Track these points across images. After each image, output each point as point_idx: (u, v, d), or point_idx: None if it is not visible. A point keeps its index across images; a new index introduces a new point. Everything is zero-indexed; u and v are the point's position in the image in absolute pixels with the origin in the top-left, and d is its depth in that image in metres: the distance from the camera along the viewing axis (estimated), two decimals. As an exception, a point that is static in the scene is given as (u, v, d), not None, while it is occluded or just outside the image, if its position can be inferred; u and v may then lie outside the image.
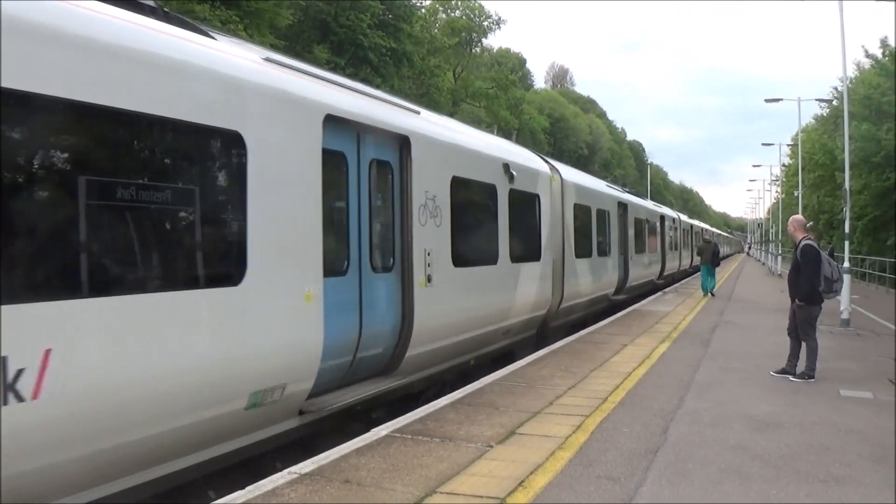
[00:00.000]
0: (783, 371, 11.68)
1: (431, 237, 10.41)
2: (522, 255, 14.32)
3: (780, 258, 54.54)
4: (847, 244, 22.28)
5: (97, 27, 5.79)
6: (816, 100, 52.86)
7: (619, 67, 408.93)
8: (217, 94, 6.80)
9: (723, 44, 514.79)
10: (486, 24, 68.55)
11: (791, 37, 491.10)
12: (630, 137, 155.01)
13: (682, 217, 50.05)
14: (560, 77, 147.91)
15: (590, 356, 13.32)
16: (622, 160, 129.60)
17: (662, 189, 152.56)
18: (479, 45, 73.78)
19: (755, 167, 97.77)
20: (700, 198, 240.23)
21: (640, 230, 28.86)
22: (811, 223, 27.61)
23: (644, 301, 26.01)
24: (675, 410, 9.24)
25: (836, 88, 48.82)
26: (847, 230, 22.59)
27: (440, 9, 65.86)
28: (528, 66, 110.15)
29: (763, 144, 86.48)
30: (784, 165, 70.28)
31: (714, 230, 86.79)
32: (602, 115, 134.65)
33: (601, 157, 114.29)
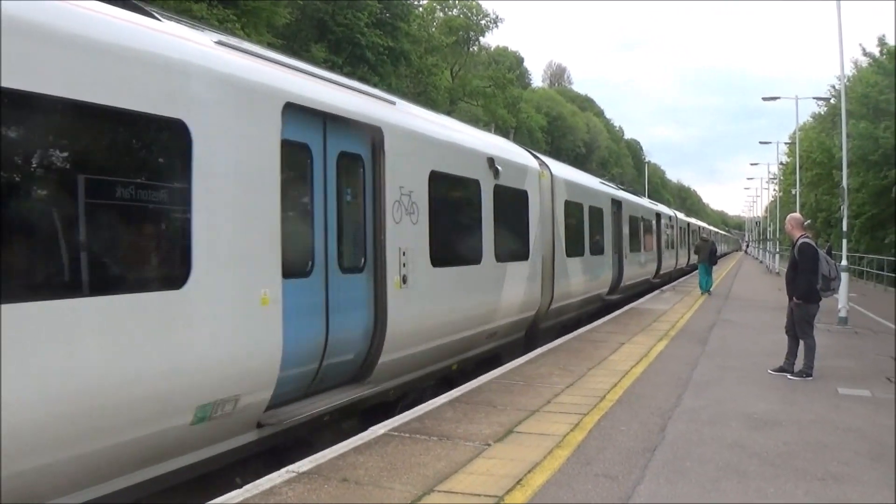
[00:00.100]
0: (781, 369, 11.69)
1: (407, 235, 9.78)
2: (509, 255, 13.74)
3: (778, 256, 54.55)
4: (845, 242, 22.31)
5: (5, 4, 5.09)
6: (814, 98, 52.88)
7: (617, 66, 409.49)
8: (156, 79, 6.15)
9: (720, 42, 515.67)
10: (484, 23, 68.65)
11: (789, 35, 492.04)
12: (628, 136, 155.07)
13: (679, 215, 49.73)
14: (557, 75, 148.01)
15: (588, 354, 13.32)
16: (620, 159, 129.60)
17: (660, 188, 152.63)
18: (477, 44, 73.83)
19: (753, 165, 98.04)
20: (698, 196, 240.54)
21: (635, 228, 28.33)
22: (809, 221, 27.67)
23: (642, 299, 26.04)
24: (673, 409, 9.25)
25: (834, 87, 48.82)
26: (845, 228, 22.64)
27: (437, 7, 65.87)
28: (526, 65, 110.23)
29: (761, 143, 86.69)
30: (782, 164, 70.39)
31: (711, 228, 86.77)
32: (600, 114, 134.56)
33: (599, 156, 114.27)
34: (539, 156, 17.12)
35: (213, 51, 7.03)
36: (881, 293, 31.69)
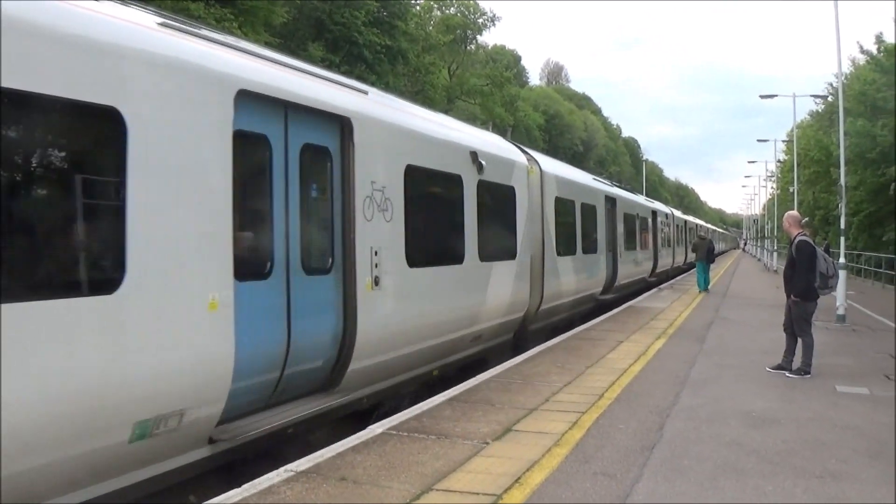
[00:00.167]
0: (779, 367, 11.69)
1: (380, 234, 9.20)
2: (494, 254, 13.14)
3: (776, 254, 54.57)
4: (843, 240, 22.28)
5: None
6: (812, 96, 52.96)
7: (615, 64, 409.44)
8: (83, 63, 5.59)
9: (718, 41, 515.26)
10: (481, 21, 68.66)
11: (786, 33, 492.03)
12: (625, 134, 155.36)
13: (676, 212, 49.55)
14: (555, 74, 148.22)
15: (585, 353, 13.32)
16: (618, 157, 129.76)
17: (658, 186, 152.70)
18: (474, 43, 73.78)
19: (751, 163, 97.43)
20: (696, 194, 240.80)
21: (631, 226, 27.83)
22: (807, 219, 27.59)
23: (640, 297, 26.04)
24: (671, 407, 9.24)
25: (832, 84, 48.89)
26: (843, 226, 22.62)
27: (435, 6, 65.83)
28: (524, 63, 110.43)
29: (758, 141, 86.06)
30: (779, 162, 70.37)
31: (709, 226, 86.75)
32: (597, 112, 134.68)
33: (596, 154, 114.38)
34: (528, 151, 16.67)
35: (155, 32, 6.44)
36: (879, 291, 31.70)
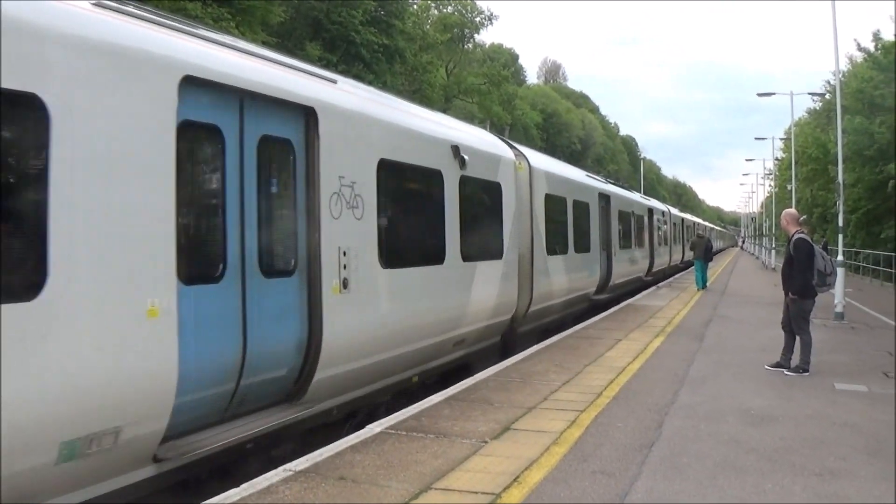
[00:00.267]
0: (778, 365, 11.70)
1: (349, 233, 8.58)
2: (478, 253, 12.53)
3: (774, 252, 54.61)
4: (841, 237, 22.30)
5: None
6: (809, 93, 52.86)
7: (612, 63, 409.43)
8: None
9: (715, 38, 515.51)
10: (479, 20, 68.56)
11: (783, 31, 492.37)
12: (623, 133, 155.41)
13: (673, 210, 49.16)
14: (553, 72, 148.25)
15: (584, 351, 13.32)
16: (615, 155, 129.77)
17: (656, 184, 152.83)
18: (472, 41, 73.75)
19: (748, 161, 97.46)
20: (694, 192, 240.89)
21: (626, 224, 27.25)
22: (804, 217, 27.59)
23: (638, 296, 26.06)
24: (670, 405, 9.24)
25: (829, 82, 48.98)
26: (841, 223, 22.64)
27: (432, 5, 65.82)
28: (521, 62, 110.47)
29: (756, 139, 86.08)
30: (777, 159, 70.42)
31: (707, 224, 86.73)
32: (595, 111, 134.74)
33: (594, 153, 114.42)
34: (516, 146, 16.06)
35: (87, 13, 5.86)
36: (877, 288, 31.73)
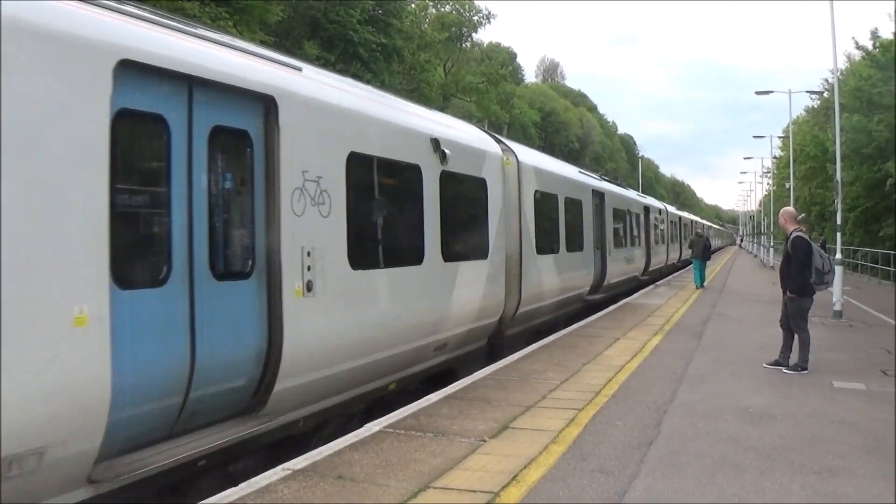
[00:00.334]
0: (776, 363, 11.70)
1: (314, 231, 7.95)
2: (461, 253, 11.97)
3: (772, 250, 54.64)
4: (839, 235, 22.33)
5: None
6: (807, 92, 52.90)
7: (610, 61, 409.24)
8: None
9: (713, 37, 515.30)
10: (476, 19, 68.53)
11: (781, 29, 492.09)
12: (621, 131, 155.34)
13: (670, 208, 48.66)
14: (551, 71, 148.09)
15: (582, 350, 13.32)
16: (613, 154, 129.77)
17: (654, 183, 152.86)
18: (470, 40, 73.72)
19: (746, 160, 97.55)
20: (692, 191, 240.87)
21: (621, 222, 26.62)
22: (803, 215, 27.68)
23: (636, 294, 26.04)
24: (668, 403, 9.24)
25: (827, 80, 49.00)
26: (839, 221, 22.64)
27: (430, 4, 65.81)
28: (519, 61, 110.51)
29: (754, 137, 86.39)
30: (775, 158, 70.41)
31: (705, 222, 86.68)
32: (593, 109, 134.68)
33: (592, 151, 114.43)
34: (504, 140, 15.37)
35: None
36: (875, 286, 31.76)
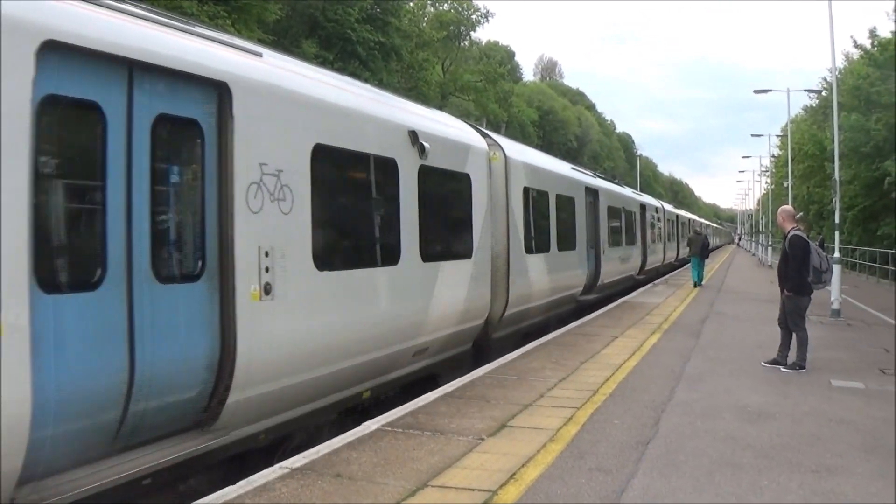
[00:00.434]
0: (774, 361, 11.71)
1: (274, 229, 7.38)
2: (442, 252, 11.44)
3: (770, 249, 54.66)
4: (837, 234, 22.36)
5: None
6: (806, 90, 53.01)
7: (608, 60, 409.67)
8: None
9: (711, 35, 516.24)
10: (475, 18, 68.50)
11: (780, 28, 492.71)
12: (619, 130, 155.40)
13: (667, 206, 48.50)
14: (549, 70, 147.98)
15: (580, 348, 13.32)
16: (612, 152, 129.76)
17: (652, 181, 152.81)
18: (468, 39, 73.70)
19: (745, 158, 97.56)
20: (690, 189, 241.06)
21: (616, 220, 26.20)
22: (801, 214, 27.66)
23: (634, 293, 26.04)
24: (667, 402, 9.24)
25: (826, 79, 49.01)
26: (837, 220, 22.67)
27: (428, 2, 65.77)
28: (517, 59, 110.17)
29: (752, 135, 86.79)
30: (774, 156, 70.43)
31: (703, 221, 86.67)
32: (591, 108, 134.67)
33: (590, 150, 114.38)
34: (490, 134, 14.64)
35: None
36: (874, 285, 31.79)
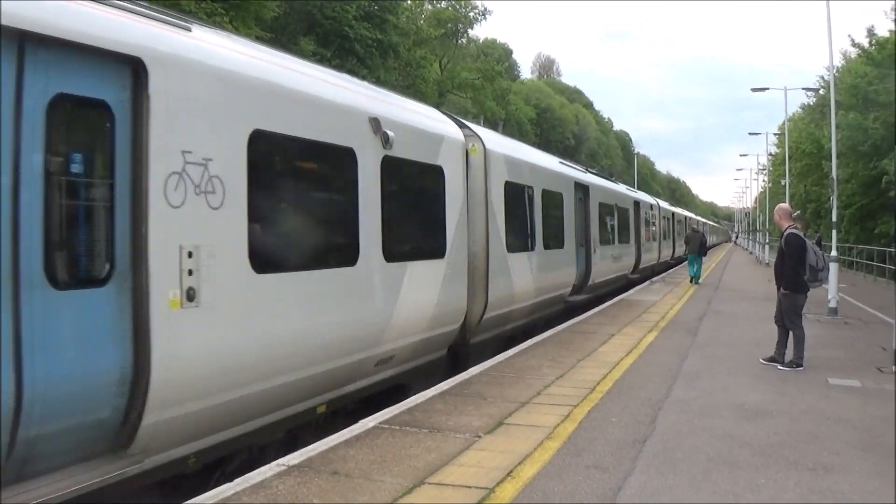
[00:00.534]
0: (771, 359, 11.72)
1: (199, 226, 6.49)
2: (410, 252, 10.52)
3: (768, 247, 54.70)
4: (834, 233, 22.38)
5: None
6: (803, 89, 53.15)
7: (606, 58, 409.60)
8: None
9: (708, 33, 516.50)
10: (472, 15, 68.39)
11: (777, 26, 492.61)
12: (616, 128, 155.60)
13: (663, 203, 48.04)
14: (546, 67, 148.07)
15: (577, 346, 13.32)
16: (609, 150, 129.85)
17: (650, 179, 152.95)
18: (466, 36, 73.67)
19: (742, 156, 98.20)
20: (687, 187, 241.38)
21: (608, 218, 25.38)
22: (798, 212, 27.69)
23: (631, 291, 26.03)
24: (664, 399, 9.24)
25: (823, 77, 49.12)
26: (834, 219, 22.70)
27: (426, 0, 65.74)
28: (515, 57, 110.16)
29: (750, 134, 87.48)
30: (771, 155, 70.57)
31: (699, 218, 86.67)
32: (588, 106, 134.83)
33: (588, 148, 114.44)
34: (469, 125, 13.67)
35: None
36: (871, 283, 31.81)
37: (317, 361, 8.13)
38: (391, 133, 9.55)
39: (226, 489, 6.00)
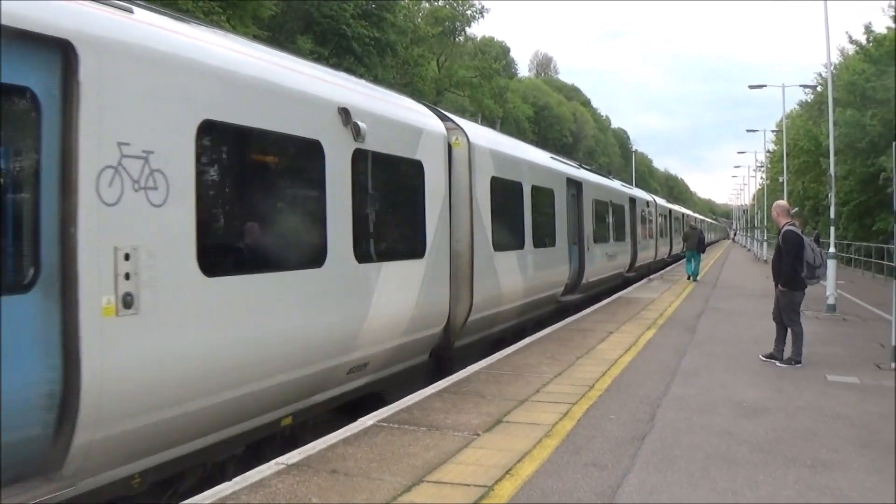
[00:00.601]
0: (770, 356, 11.73)
1: (137, 225, 5.87)
2: (385, 251, 10.02)
3: (766, 244, 54.72)
4: (833, 230, 22.40)
5: None
6: (801, 86, 53.08)
7: (603, 55, 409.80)
8: None
9: (706, 30, 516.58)
10: (470, 13, 68.32)
11: (775, 23, 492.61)
12: (614, 125, 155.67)
13: (659, 200, 47.51)
14: (544, 65, 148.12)
15: (576, 344, 13.32)
16: (607, 148, 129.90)
17: (647, 176, 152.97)
18: (463, 34, 73.57)
19: (740, 154, 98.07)
20: (685, 185, 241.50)
21: (603, 215, 24.65)
22: (796, 209, 27.70)
23: (630, 288, 26.04)
24: (662, 397, 9.25)
25: (821, 74, 49.05)
26: (832, 216, 22.73)
27: (423, -2, 65.76)
28: (512, 55, 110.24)
29: (748, 131, 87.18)
30: (769, 152, 70.58)
31: (697, 216, 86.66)
32: (586, 103, 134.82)
33: (586, 145, 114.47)
34: (452, 117, 12.96)
35: None
36: (869, 280, 31.81)
37: (278, 370, 7.52)
38: (363, 124, 8.91)
39: (224, 488, 5.99)
